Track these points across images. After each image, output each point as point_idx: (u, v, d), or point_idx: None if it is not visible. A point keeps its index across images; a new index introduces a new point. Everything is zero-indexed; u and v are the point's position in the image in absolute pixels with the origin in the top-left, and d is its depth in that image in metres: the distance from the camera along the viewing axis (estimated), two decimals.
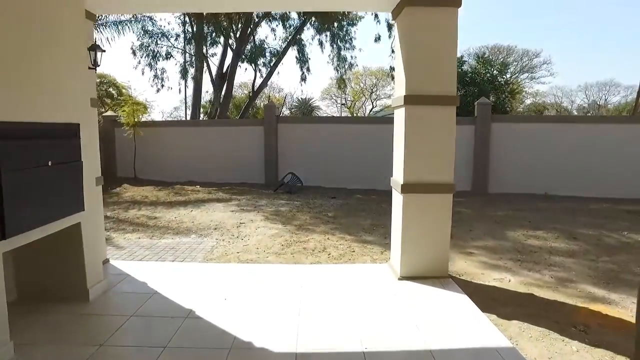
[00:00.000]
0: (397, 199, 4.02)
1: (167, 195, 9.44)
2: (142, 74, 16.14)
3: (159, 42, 14.95)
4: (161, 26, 15.28)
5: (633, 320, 3.38)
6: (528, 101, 34.43)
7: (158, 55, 14.95)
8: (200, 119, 18.31)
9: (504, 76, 20.81)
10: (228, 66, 15.83)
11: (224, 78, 15.77)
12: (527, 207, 8.47)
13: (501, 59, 25.15)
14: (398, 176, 4.02)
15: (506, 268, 4.63)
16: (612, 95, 45.68)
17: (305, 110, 30.69)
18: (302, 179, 10.57)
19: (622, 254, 5.27)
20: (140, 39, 14.63)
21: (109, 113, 12.97)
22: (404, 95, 3.70)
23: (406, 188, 3.81)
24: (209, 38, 16.41)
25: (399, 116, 3.95)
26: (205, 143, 11.84)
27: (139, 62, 14.94)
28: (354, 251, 5.15)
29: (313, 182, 10.75)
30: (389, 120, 15.97)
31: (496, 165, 10.15)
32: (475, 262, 4.80)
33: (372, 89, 46.25)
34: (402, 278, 3.93)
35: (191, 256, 4.92)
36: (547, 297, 3.84)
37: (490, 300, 3.70)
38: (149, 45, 14.74)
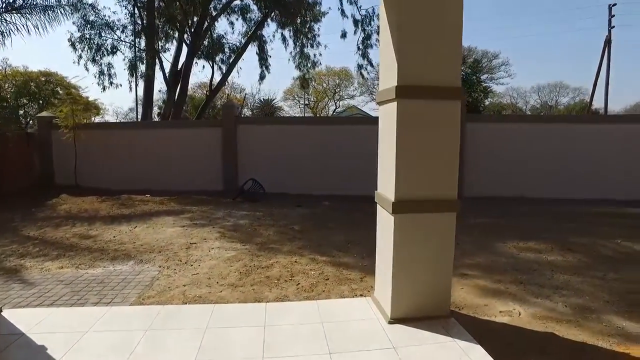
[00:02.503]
0: (386, 219, 3.15)
1: (110, 208, 8.19)
2: (86, 69, 14.57)
3: (102, 34, 13.45)
4: (105, 16, 13.73)
5: None
6: (487, 102, 35.11)
7: (102, 49, 13.45)
8: (154, 120, 16.90)
9: (476, 75, 20.72)
10: (183, 63, 14.55)
11: (178, 76, 14.47)
12: (508, 212, 7.90)
13: (473, 58, 25.20)
14: (386, 191, 3.15)
15: (511, 295, 3.87)
16: (562, 97, 47.92)
17: (267, 111, 29.62)
18: (265, 185, 9.58)
19: (628, 268, 4.68)
20: (81, 30, 13.10)
21: (45, 114, 11.44)
22: (396, 86, 2.83)
23: (399, 207, 2.94)
24: (161, 32, 15.06)
25: (387, 113, 3.08)
26: (157, 147, 10.60)
27: (80, 57, 13.39)
28: (327, 279, 4.25)
29: (276, 188, 9.79)
30: (357, 120, 15.25)
31: (472, 168, 9.57)
32: (473, 288, 4.03)
33: (335, 90, 45.73)
34: (394, 321, 3.07)
35: (123, 294, 3.85)
36: (571, 337, 3.09)
37: (506, 347, 2.90)
38: (92, 38, 13.22)
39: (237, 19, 15.49)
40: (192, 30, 14.33)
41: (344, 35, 14.74)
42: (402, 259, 3.03)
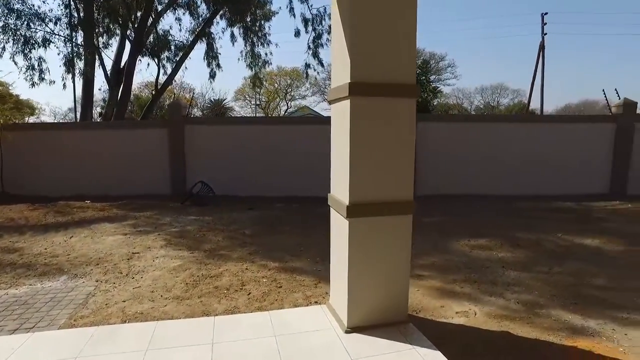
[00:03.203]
0: (340, 224, 3.00)
1: (42, 216, 7.48)
2: (15, 63, 13.30)
3: (31, 25, 12.34)
4: (34, 6, 12.61)
5: (628, 358, 2.78)
6: (435, 102, 36.43)
7: (31, 41, 12.33)
8: (95, 121, 15.85)
9: (425, 75, 21.27)
10: (126, 61, 13.69)
11: (121, 74, 13.61)
12: (458, 210, 8.08)
13: (422, 59, 25.91)
14: (340, 194, 3.00)
15: (465, 295, 3.87)
16: (503, 97, 51.03)
17: (218, 111, 28.89)
18: (215, 187, 9.19)
19: (570, 262, 4.87)
20: (3, 19, 11.92)
21: None
22: (349, 83, 2.68)
23: (354, 210, 2.80)
24: (101, 26, 14.09)
25: (340, 112, 2.93)
26: (98, 149, 9.88)
27: (3, 48, 12.20)
28: (280, 286, 4.05)
29: (227, 190, 9.43)
30: (310, 120, 15.12)
31: (421, 166, 9.71)
32: (429, 290, 3.98)
33: (286, 90, 45.49)
34: (351, 330, 2.93)
35: (50, 316, 3.43)
36: (525, 334, 3.10)
37: (465, 350, 2.85)
38: (18, 29, 12.08)
39: (184, 14, 14.86)
40: (136, 25, 13.52)
41: (297, 34, 14.51)
42: (358, 265, 2.89)
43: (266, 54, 15.77)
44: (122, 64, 13.78)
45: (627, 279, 4.30)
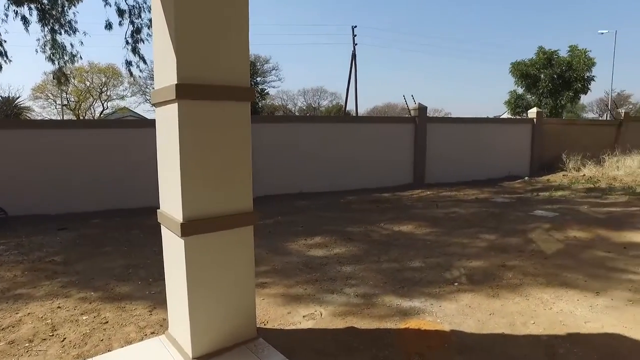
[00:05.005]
0: (174, 243, 2.65)
1: None
2: None
3: None
4: None
5: (448, 329, 3.21)
6: (260, 103, 37.54)
7: None
8: None
9: (252, 77, 21.36)
10: None
11: None
12: (290, 209, 8.32)
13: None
14: (171, 209, 2.64)
15: (310, 296, 3.93)
16: (323, 100, 56.23)
17: (9, 112, 23.69)
18: (10, 207, 7.39)
19: (393, 249, 5.48)
20: None
21: None
22: (176, 85, 2.35)
23: (189, 228, 2.49)
24: None
25: (167, 117, 2.56)
26: None
27: None
28: (106, 322, 3.41)
29: (29, 209, 7.71)
30: (132, 123, 13.52)
31: (257, 168, 9.72)
32: (274, 297, 3.92)
33: (101, 89, 40.29)
34: (197, 359, 2.62)
35: None
36: (367, 326, 3.29)
37: (317, 355, 2.85)
38: None
39: None
40: None
41: (108, 26, 12.71)
42: (199, 287, 2.60)
43: (72, 44, 13.48)
44: None
45: (435, 257, 5.06)
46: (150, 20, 12.26)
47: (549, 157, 14.05)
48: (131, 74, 13.37)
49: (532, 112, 14.21)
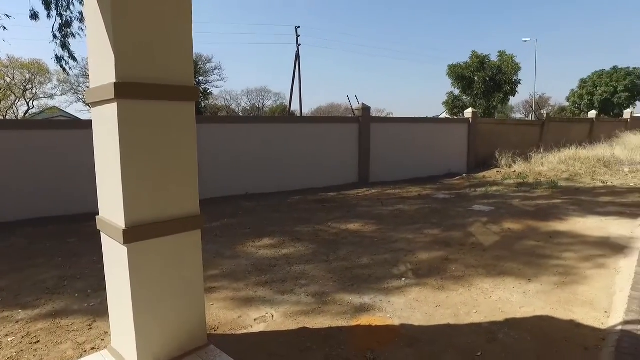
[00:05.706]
0: (116, 251, 2.49)
1: None
2: None
3: None
4: None
5: (398, 323, 3.30)
6: (203, 104, 36.59)
7: None
8: None
9: (195, 76, 20.70)
10: None
11: None
12: (237, 211, 8.16)
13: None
14: (112, 215, 2.48)
15: (260, 298, 3.88)
16: (267, 100, 55.92)
17: None
18: None
19: (342, 247, 5.56)
20: None
21: None
22: (115, 83, 2.20)
23: (132, 234, 2.35)
24: None
25: (105, 117, 2.40)
26: None
27: None
28: (37, 341, 3.13)
29: None
30: (63, 124, 12.56)
31: (202, 169, 9.43)
32: (224, 301, 3.82)
33: (25, 86, 37.06)
34: None
35: None
36: (319, 325, 3.31)
37: (271, 359, 2.82)
38: None
39: None
40: None
41: (34, 16, 11.66)
42: (144, 296, 2.47)
43: None
44: None
45: (382, 254, 5.20)
46: (81, 13, 11.44)
47: (484, 155, 14.97)
48: (64, 70, 12.38)
49: (468, 113, 15.06)
